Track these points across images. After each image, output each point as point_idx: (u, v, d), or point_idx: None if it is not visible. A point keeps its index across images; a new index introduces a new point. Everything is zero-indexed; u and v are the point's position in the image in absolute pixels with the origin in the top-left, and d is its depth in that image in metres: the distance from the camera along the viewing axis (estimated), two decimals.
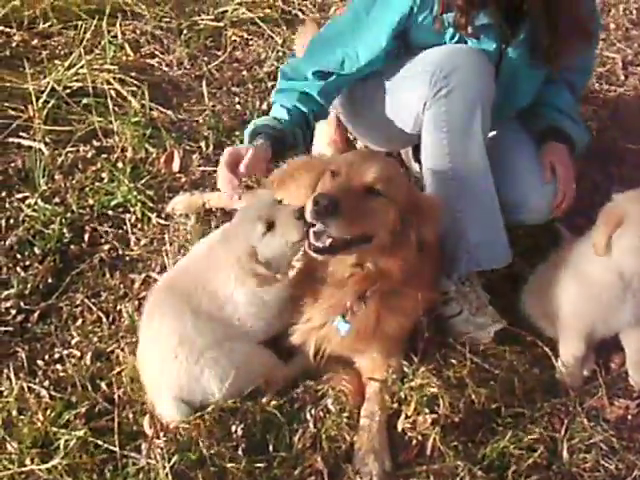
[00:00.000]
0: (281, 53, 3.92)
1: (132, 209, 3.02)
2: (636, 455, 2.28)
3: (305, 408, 2.34)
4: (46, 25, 3.90)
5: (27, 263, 2.80)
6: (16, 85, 3.47)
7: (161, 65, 3.80)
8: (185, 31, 4.00)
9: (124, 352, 2.48)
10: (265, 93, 3.65)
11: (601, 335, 2.46)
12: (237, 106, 3.59)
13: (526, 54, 2.48)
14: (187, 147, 3.33)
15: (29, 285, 2.71)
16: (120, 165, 3.18)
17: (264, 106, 3.56)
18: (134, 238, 2.94)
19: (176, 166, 3.23)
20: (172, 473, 2.12)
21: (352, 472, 2.21)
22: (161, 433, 2.22)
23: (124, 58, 3.72)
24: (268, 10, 4.23)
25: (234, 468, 2.17)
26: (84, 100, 3.41)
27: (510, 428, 2.30)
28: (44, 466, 2.15)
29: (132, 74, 3.59)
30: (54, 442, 2.23)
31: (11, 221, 2.93)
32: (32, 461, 2.18)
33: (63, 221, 2.93)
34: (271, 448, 2.26)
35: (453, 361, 2.47)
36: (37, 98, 3.35)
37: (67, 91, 3.44)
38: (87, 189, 3.10)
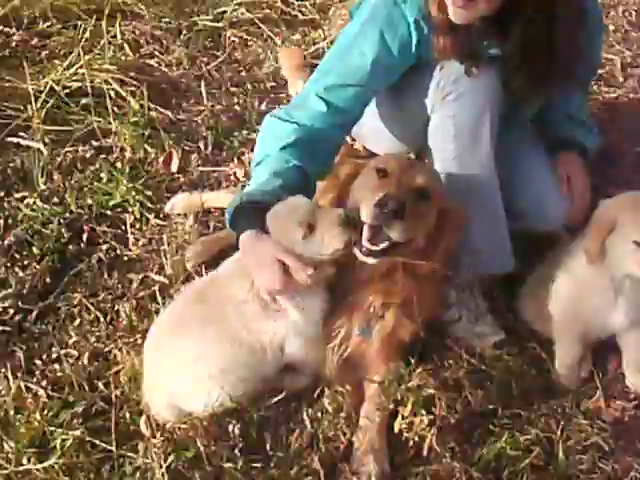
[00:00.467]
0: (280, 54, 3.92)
1: (130, 209, 3.01)
2: (632, 457, 2.28)
3: (302, 408, 2.34)
4: (45, 25, 3.89)
5: (25, 263, 2.79)
6: (15, 85, 3.46)
7: (160, 65, 3.80)
8: (184, 31, 3.99)
9: (121, 352, 2.48)
10: (264, 94, 3.65)
11: (596, 337, 2.46)
12: (236, 106, 3.59)
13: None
14: (186, 147, 3.33)
15: (27, 285, 2.71)
16: (119, 165, 3.18)
17: (263, 107, 3.56)
18: (132, 238, 2.93)
19: (175, 166, 3.23)
20: (169, 473, 2.13)
21: (349, 472, 2.21)
22: (158, 433, 2.22)
23: (123, 58, 3.72)
24: (267, 11, 4.22)
25: (231, 468, 2.17)
26: (83, 100, 3.40)
27: (507, 429, 2.30)
28: (41, 465, 2.16)
29: (131, 74, 3.58)
30: (51, 442, 2.23)
31: (9, 221, 2.93)
32: (29, 460, 2.18)
33: (61, 221, 2.93)
34: (268, 448, 2.26)
35: (450, 362, 2.47)
36: (36, 98, 3.35)
37: (66, 91, 3.44)
38: (86, 189, 3.09)
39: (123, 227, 2.98)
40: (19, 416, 2.29)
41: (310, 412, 2.34)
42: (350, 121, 2.47)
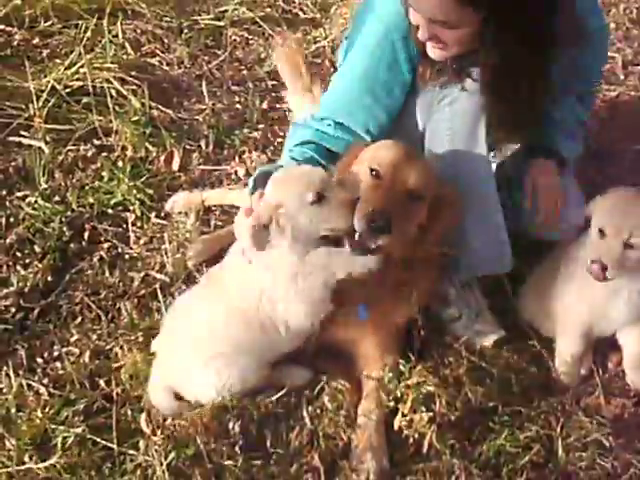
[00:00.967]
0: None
1: (132, 208, 3.02)
2: (632, 454, 2.29)
3: (302, 405, 2.35)
4: (47, 24, 3.89)
5: (27, 261, 2.80)
6: (17, 84, 3.46)
7: (161, 64, 3.80)
8: (185, 30, 3.99)
9: (123, 350, 2.49)
10: (265, 92, 3.65)
11: (598, 334, 2.46)
12: (237, 105, 3.59)
13: None
14: (187, 146, 3.33)
15: (29, 283, 2.72)
16: (120, 164, 3.19)
17: (264, 105, 3.57)
18: (133, 236, 2.94)
19: (176, 165, 3.24)
20: (169, 470, 2.15)
21: (349, 470, 2.22)
22: (158, 430, 2.24)
23: (124, 57, 3.72)
24: (269, 9, 4.23)
25: (231, 465, 2.18)
26: (84, 99, 3.41)
27: (506, 426, 2.32)
28: (42, 465, 2.17)
29: (132, 73, 3.59)
30: (52, 439, 2.24)
31: (11, 219, 2.94)
32: (30, 458, 2.20)
33: (63, 219, 2.94)
34: (268, 445, 2.28)
35: (450, 360, 2.48)
36: (38, 97, 3.35)
37: (67, 90, 3.44)
38: (87, 188, 3.10)
39: (124, 225, 2.99)
40: (20, 414, 2.31)
41: (310, 409, 2.35)
42: (363, 133, 2.49)
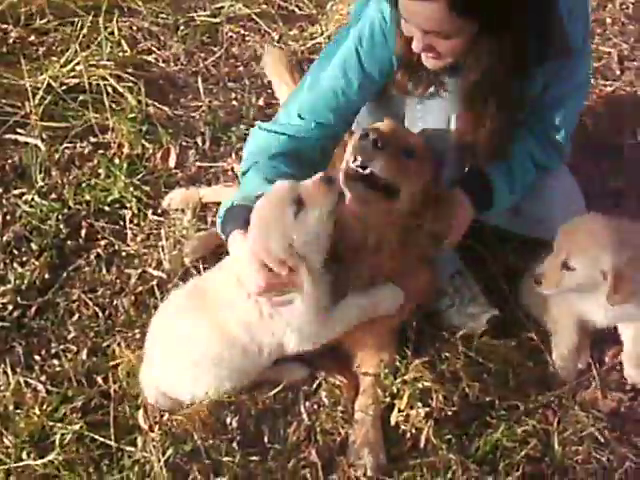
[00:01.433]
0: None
1: (128, 205, 3.02)
2: (628, 447, 2.30)
3: (299, 401, 2.36)
4: (43, 21, 3.88)
5: (24, 259, 2.81)
6: (13, 82, 3.46)
7: (158, 61, 3.79)
8: (182, 27, 3.98)
9: (120, 347, 2.50)
10: (261, 89, 3.64)
11: (593, 326, 2.46)
12: (233, 102, 3.59)
13: None
14: (183, 143, 3.33)
15: (26, 280, 2.72)
16: (117, 161, 3.19)
17: (260, 102, 3.57)
18: (130, 234, 2.94)
19: (172, 162, 3.24)
20: (167, 466, 2.16)
21: (346, 465, 2.23)
22: (156, 426, 2.25)
23: (120, 54, 3.71)
24: (265, 6, 4.22)
25: (229, 461, 2.19)
26: (81, 96, 3.40)
27: (503, 421, 2.32)
28: (40, 461, 2.18)
29: (128, 70, 3.58)
30: (50, 436, 2.25)
31: (8, 217, 2.95)
32: (29, 455, 2.21)
33: (60, 217, 2.94)
34: (266, 441, 2.29)
35: (447, 355, 2.48)
36: (34, 94, 3.35)
37: (64, 87, 3.43)
38: (84, 185, 3.10)
39: (121, 223, 2.99)
40: (18, 411, 2.32)
41: (307, 405, 2.36)
42: (336, 133, 2.50)
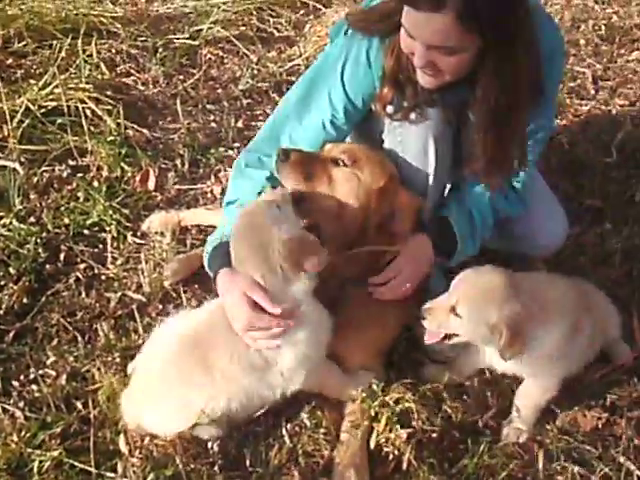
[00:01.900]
0: (256, 71, 3.95)
1: (108, 228, 3.02)
2: (610, 464, 2.30)
3: (281, 423, 2.35)
4: (21, 44, 3.90)
5: (2, 283, 2.78)
6: None
7: (136, 84, 3.81)
8: (160, 50, 4.01)
9: (100, 371, 2.47)
10: (240, 111, 3.67)
11: None
12: (212, 124, 3.61)
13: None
14: (162, 165, 3.34)
15: (4, 305, 2.70)
16: (96, 184, 3.19)
17: (239, 124, 3.59)
18: (110, 257, 2.93)
19: (152, 184, 3.24)
20: None
21: None
22: (136, 451, 2.22)
23: (99, 77, 3.73)
24: (243, 28, 4.27)
25: None
26: (59, 119, 3.41)
27: (485, 441, 2.32)
28: None
29: (107, 93, 3.59)
30: (29, 464, 2.22)
31: None
32: None
33: (38, 241, 2.93)
34: (248, 464, 2.26)
35: None
36: (12, 117, 3.35)
37: (42, 110, 3.44)
38: (62, 208, 3.09)
39: (100, 246, 2.98)
40: None
41: (289, 427, 2.34)
42: None
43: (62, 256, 2.92)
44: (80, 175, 3.25)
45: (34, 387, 2.46)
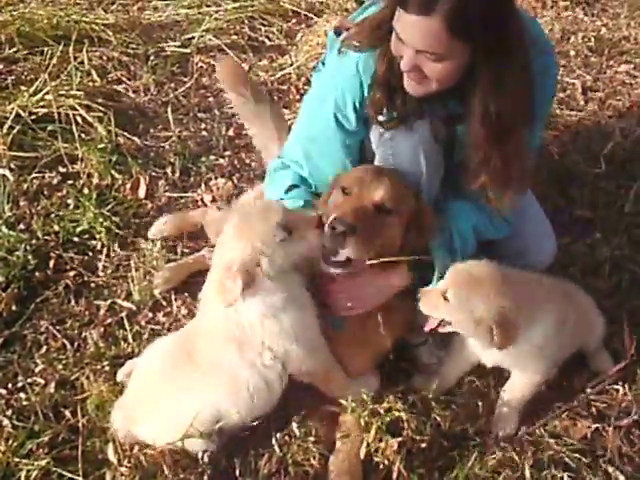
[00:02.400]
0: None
1: (98, 235, 3.01)
2: (599, 473, 2.30)
3: (271, 433, 2.34)
4: (12, 51, 3.88)
5: None
6: None
7: (127, 91, 3.81)
8: (152, 57, 4.01)
9: (89, 379, 2.46)
10: (231, 119, 3.67)
11: None
12: (203, 132, 3.61)
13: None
14: (153, 173, 3.34)
15: None
16: (86, 191, 3.18)
17: (230, 132, 3.59)
18: (100, 265, 2.92)
19: (142, 192, 3.24)
20: None
21: None
22: (125, 460, 2.21)
23: (90, 84, 3.72)
24: (235, 37, 4.27)
25: None
26: (50, 126, 3.39)
27: (475, 450, 2.32)
28: None
29: (98, 100, 3.59)
30: (16, 473, 2.21)
31: None
32: None
33: (28, 248, 2.91)
34: (237, 474, 2.26)
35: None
36: (2, 124, 3.34)
37: (33, 117, 3.43)
38: (52, 215, 3.08)
39: (90, 253, 2.97)
40: None
41: (279, 437, 2.34)
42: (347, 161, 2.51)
43: (52, 263, 2.90)
44: (70, 182, 3.24)
45: (22, 395, 2.45)
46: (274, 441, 2.32)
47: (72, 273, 2.88)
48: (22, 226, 3.03)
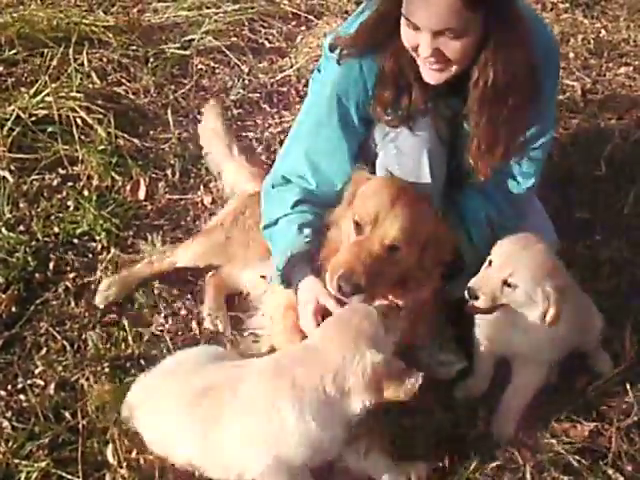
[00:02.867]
0: (247, 81, 3.95)
1: (98, 237, 3.01)
2: (600, 474, 2.30)
3: None
4: (12, 52, 3.88)
5: None
6: None
7: (127, 93, 3.80)
8: (152, 59, 4.00)
9: (89, 381, 2.46)
10: (231, 121, 3.66)
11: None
12: None
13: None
14: (153, 175, 3.33)
15: None
16: (86, 193, 3.18)
17: None
18: (99, 266, 2.92)
19: (142, 194, 3.24)
20: None
21: None
22: (125, 463, 2.20)
23: (90, 86, 3.71)
24: (234, 39, 4.26)
25: None
26: (50, 128, 3.39)
27: (476, 454, 2.32)
28: None
29: (98, 102, 3.58)
30: (15, 474, 2.21)
31: None
32: None
33: (28, 249, 2.91)
34: None
35: None
36: (2, 126, 3.34)
37: (32, 119, 3.42)
38: (52, 217, 3.08)
39: (90, 255, 2.97)
40: None
41: None
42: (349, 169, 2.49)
43: (51, 265, 2.90)
44: (70, 184, 3.24)
45: (22, 397, 2.45)
46: None
47: (72, 275, 2.88)
48: (22, 228, 3.03)
